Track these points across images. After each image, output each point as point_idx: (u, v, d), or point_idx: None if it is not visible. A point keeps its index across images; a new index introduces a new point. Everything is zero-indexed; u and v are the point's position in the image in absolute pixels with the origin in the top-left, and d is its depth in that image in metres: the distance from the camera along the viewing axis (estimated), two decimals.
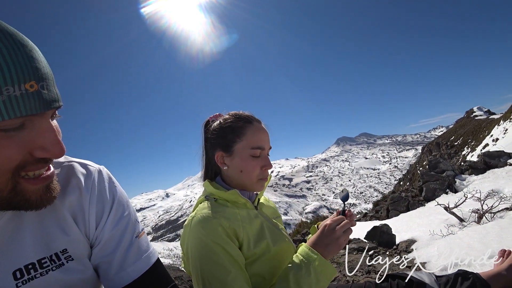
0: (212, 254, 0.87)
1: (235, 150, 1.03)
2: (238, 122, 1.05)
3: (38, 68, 0.52)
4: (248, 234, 0.96)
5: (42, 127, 0.55)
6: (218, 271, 0.86)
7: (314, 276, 0.88)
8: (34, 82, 0.50)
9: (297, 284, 0.87)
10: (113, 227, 0.74)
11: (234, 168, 1.03)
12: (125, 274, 0.73)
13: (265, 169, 1.04)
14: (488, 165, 6.79)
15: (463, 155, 24.45)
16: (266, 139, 1.07)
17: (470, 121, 41.30)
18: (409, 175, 40.34)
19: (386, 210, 7.00)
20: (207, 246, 0.87)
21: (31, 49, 0.52)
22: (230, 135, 1.04)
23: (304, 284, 0.87)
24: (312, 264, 0.90)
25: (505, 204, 3.24)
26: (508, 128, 18.59)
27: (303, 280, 0.87)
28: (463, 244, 2.38)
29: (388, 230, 3.61)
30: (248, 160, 1.02)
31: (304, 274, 0.88)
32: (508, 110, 22.33)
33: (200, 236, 0.89)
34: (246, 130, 1.04)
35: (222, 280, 0.85)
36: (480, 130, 28.99)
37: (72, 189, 0.72)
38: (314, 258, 0.91)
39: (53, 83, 0.56)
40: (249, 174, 1.03)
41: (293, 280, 0.88)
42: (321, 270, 0.89)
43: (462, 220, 3.38)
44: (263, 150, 1.04)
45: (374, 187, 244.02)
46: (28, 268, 0.62)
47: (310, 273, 0.88)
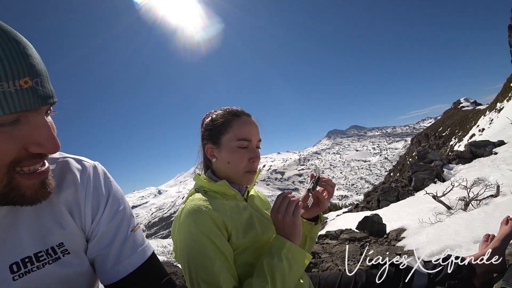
0: (199, 245, 0.89)
1: (222, 142, 1.06)
2: (227, 116, 1.08)
3: (32, 64, 0.53)
4: (237, 225, 0.98)
5: (37, 123, 0.55)
6: (204, 261, 0.88)
7: (286, 262, 0.91)
8: (28, 78, 0.51)
9: (271, 271, 0.89)
10: (109, 221, 0.75)
11: (222, 160, 1.06)
12: (121, 267, 0.74)
13: (252, 161, 1.06)
14: (474, 154, 6.96)
15: (451, 145, 24.98)
16: (254, 131, 1.09)
17: (457, 112, 42.11)
18: (399, 166, 41.05)
19: (377, 200, 7.13)
20: (195, 237, 0.89)
21: (25, 46, 0.53)
22: (218, 128, 1.07)
23: (276, 271, 0.89)
24: (282, 250, 0.92)
25: (490, 192, 3.34)
26: (494, 119, 19.06)
27: (275, 267, 0.90)
28: (450, 231, 2.45)
29: (379, 219, 3.69)
30: (234, 151, 1.04)
31: (276, 262, 0.90)
32: (493, 100, 22.86)
33: (189, 227, 0.91)
34: (233, 122, 1.07)
35: (207, 270, 0.87)
36: (467, 121, 29.63)
37: (68, 184, 0.72)
38: (282, 245, 0.93)
39: (47, 80, 0.56)
40: (235, 166, 1.05)
41: (267, 268, 0.90)
42: (292, 256, 0.92)
43: (450, 208, 3.48)
44: (249, 142, 1.06)
45: (365, 178, 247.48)
46: (25, 262, 0.63)
47: (281, 259, 0.91)
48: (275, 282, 0.88)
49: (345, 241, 3.34)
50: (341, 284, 1.26)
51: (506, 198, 2.98)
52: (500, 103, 20.13)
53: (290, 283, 0.92)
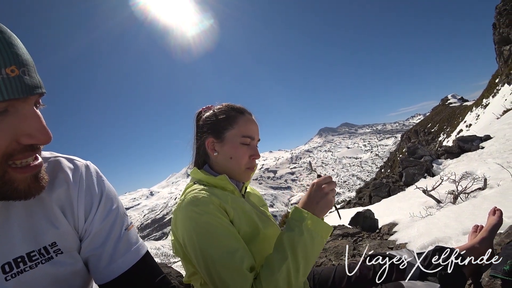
0: (209, 227, 0.87)
1: (226, 137, 1.06)
2: (232, 112, 1.09)
3: (18, 54, 0.52)
4: (238, 214, 0.97)
5: (26, 113, 0.55)
6: (218, 243, 0.85)
7: (308, 235, 0.87)
8: (15, 67, 0.51)
9: (291, 245, 0.86)
10: (102, 220, 0.74)
11: (224, 154, 1.06)
12: (115, 266, 0.73)
13: (253, 158, 1.07)
14: (462, 149, 7.12)
15: (440, 140, 25.45)
16: (256, 130, 1.10)
17: (445, 109, 42.91)
18: (389, 162, 41.59)
19: (369, 196, 7.22)
20: (202, 223, 0.87)
21: (10, 36, 0.52)
22: (223, 123, 1.07)
23: (298, 244, 0.85)
24: (304, 223, 0.88)
25: (478, 185, 3.42)
26: (480, 114, 19.50)
27: (296, 239, 0.86)
28: (440, 224, 2.50)
29: (370, 215, 3.74)
30: (238, 147, 1.05)
31: (297, 234, 0.87)
32: (480, 97, 23.40)
33: (193, 214, 0.88)
34: (238, 119, 1.07)
35: (222, 250, 0.85)
36: (455, 117, 30.22)
37: (60, 182, 0.71)
38: (305, 217, 0.90)
39: (34, 70, 0.56)
40: (238, 161, 1.05)
41: (287, 241, 0.87)
42: (314, 228, 0.88)
43: (439, 201, 3.55)
44: (252, 140, 1.08)
45: (357, 175, 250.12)
46: (17, 262, 0.62)
47: (302, 232, 0.87)
48: (296, 257, 0.84)
49: (338, 236, 3.36)
50: (335, 278, 1.27)
51: (493, 191, 3.06)
52: (486, 99, 20.62)
53: (312, 257, 0.88)
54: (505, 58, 20.68)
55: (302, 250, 0.85)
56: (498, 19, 22.12)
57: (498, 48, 22.09)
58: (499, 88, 19.11)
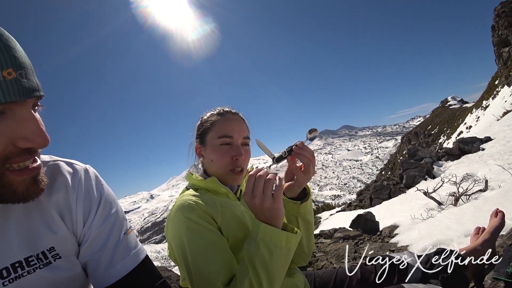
0: (191, 235, 0.88)
1: (207, 140, 1.07)
2: (214, 116, 1.10)
3: (15, 56, 0.52)
4: (227, 219, 0.97)
5: (23, 116, 0.54)
6: (198, 251, 0.86)
7: (264, 248, 0.79)
8: (12, 69, 0.50)
9: (250, 259, 0.80)
10: (101, 224, 0.74)
11: (207, 158, 1.07)
12: (114, 271, 0.72)
13: (235, 158, 1.03)
14: (463, 151, 7.11)
15: (440, 142, 25.45)
16: (237, 128, 1.06)
17: (445, 110, 42.96)
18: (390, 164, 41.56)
19: (369, 199, 7.20)
20: (186, 229, 0.88)
21: (8, 38, 0.52)
22: (204, 127, 1.09)
23: (255, 258, 0.79)
24: (258, 235, 0.81)
25: (479, 186, 3.41)
26: (480, 116, 19.51)
27: (253, 254, 0.80)
28: (442, 226, 2.49)
29: (371, 217, 3.72)
30: (217, 149, 1.04)
31: (253, 248, 0.81)
32: (479, 98, 23.43)
33: (179, 221, 0.90)
34: (217, 121, 1.08)
35: (201, 261, 0.85)
36: (455, 119, 30.24)
37: (59, 187, 0.71)
38: (257, 229, 0.82)
39: (33, 73, 0.55)
40: (218, 163, 1.04)
41: (246, 255, 0.82)
42: (269, 239, 0.80)
43: (440, 203, 3.54)
44: (231, 138, 1.04)
45: (357, 178, 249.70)
46: (15, 267, 0.61)
47: (258, 245, 0.80)
48: (256, 271, 0.79)
49: (339, 239, 3.35)
50: (336, 281, 1.26)
51: (495, 192, 3.05)
52: (486, 100, 20.63)
53: (275, 270, 0.81)
54: (504, 60, 20.72)
55: (261, 264, 0.79)
56: (497, 21, 22.20)
57: (497, 50, 22.15)
58: (498, 89, 19.13)
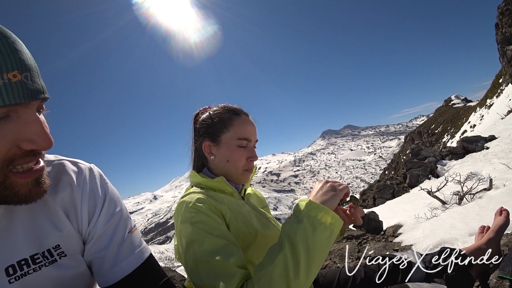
0: (202, 225, 0.84)
1: (222, 140, 1.05)
2: (227, 114, 1.07)
3: (21, 59, 0.52)
4: (235, 216, 0.96)
5: (28, 118, 0.54)
6: (208, 240, 0.81)
7: (308, 223, 0.75)
8: (17, 72, 0.50)
9: (288, 236, 0.75)
10: (106, 223, 0.74)
11: (221, 157, 1.05)
12: (118, 269, 0.73)
13: (250, 160, 1.06)
14: (467, 149, 7.07)
15: (444, 142, 25.31)
16: (253, 131, 1.08)
17: (449, 109, 42.70)
18: (393, 164, 41.38)
19: (373, 198, 7.17)
20: (196, 223, 0.85)
21: (14, 41, 0.52)
22: (218, 126, 1.06)
23: (296, 232, 0.74)
24: (303, 211, 0.78)
25: (483, 185, 3.39)
26: (484, 115, 19.38)
27: (294, 229, 0.75)
28: (446, 225, 2.48)
29: (375, 217, 3.71)
30: (234, 150, 1.04)
31: (294, 223, 0.76)
32: (483, 97, 23.27)
33: (187, 214, 0.87)
34: (234, 121, 1.06)
35: (212, 249, 0.80)
36: (458, 118, 30.06)
37: (64, 185, 0.72)
38: (303, 205, 0.79)
39: (38, 75, 0.56)
40: (235, 164, 1.04)
41: (284, 231, 0.77)
42: (314, 215, 0.76)
43: (444, 202, 3.52)
44: (249, 141, 1.06)
45: (361, 177, 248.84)
46: (21, 264, 0.62)
47: (301, 220, 0.76)
48: (295, 246, 0.72)
49: (342, 239, 3.34)
50: (340, 280, 1.26)
51: (499, 191, 3.02)
52: (490, 99, 20.49)
53: (316, 250, 0.72)
54: (508, 58, 20.57)
55: (302, 239, 0.72)
56: (501, 19, 22.03)
57: (501, 48, 21.99)
58: (502, 88, 18.99)
